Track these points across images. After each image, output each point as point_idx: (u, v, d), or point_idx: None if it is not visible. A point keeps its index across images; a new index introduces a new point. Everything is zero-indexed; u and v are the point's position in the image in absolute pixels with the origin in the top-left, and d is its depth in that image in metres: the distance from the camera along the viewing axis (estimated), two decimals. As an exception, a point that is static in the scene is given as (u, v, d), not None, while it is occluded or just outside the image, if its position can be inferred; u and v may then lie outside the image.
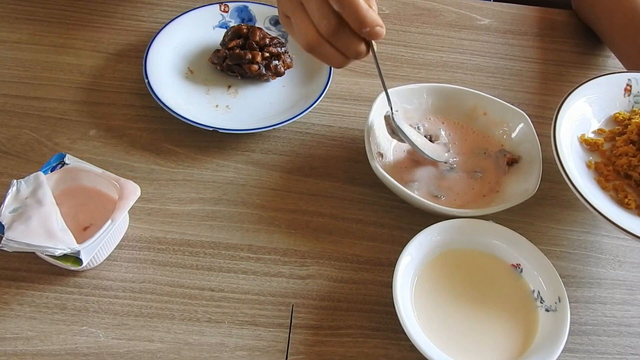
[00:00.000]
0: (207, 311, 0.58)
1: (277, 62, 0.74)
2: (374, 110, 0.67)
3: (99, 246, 0.56)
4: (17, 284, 0.58)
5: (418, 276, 0.60)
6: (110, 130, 0.70)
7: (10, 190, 0.57)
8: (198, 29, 0.79)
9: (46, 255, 0.55)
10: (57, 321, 0.56)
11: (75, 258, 0.55)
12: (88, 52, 0.77)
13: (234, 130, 0.68)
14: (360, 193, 0.69)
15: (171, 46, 0.77)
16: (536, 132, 0.69)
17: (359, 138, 0.73)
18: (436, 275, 0.60)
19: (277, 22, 0.80)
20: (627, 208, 0.62)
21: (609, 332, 0.62)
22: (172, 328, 0.57)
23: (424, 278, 0.60)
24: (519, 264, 0.61)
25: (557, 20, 0.92)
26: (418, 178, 0.68)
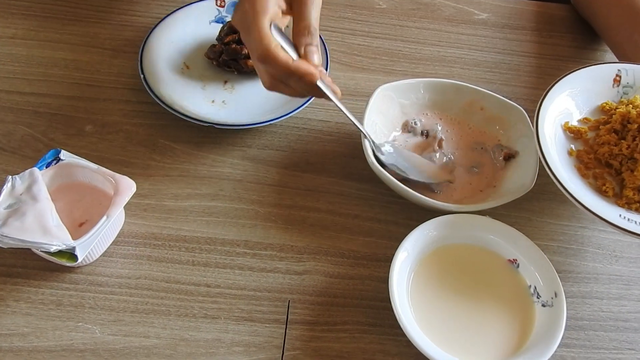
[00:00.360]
0: (203, 307, 0.58)
1: (274, 57, 0.74)
2: (371, 105, 0.67)
3: (95, 242, 0.56)
4: (13, 280, 0.58)
5: (414, 271, 0.60)
6: (106, 125, 0.70)
7: (5, 186, 0.56)
8: (194, 24, 0.79)
9: (41, 251, 0.55)
10: (53, 317, 0.56)
11: (70, 254, 0.54)
12: (84, 48, 0.77)
13: (231, 125, 0.68)
14: (356, 188, 0.68)
15: (167, 41, 0.76)
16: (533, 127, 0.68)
17: (356, 133, 0.72)
18: (433, 270, 0.60)
19: (274, 17, 0.80)
20: (605, 195, 0.62)
21: (606, 327, 0.62)
22: (168, 324, 0.57)
23: (421, 273, 0.60)
24: (516, 259, 0.61)
25: (555, 14, 0.92)
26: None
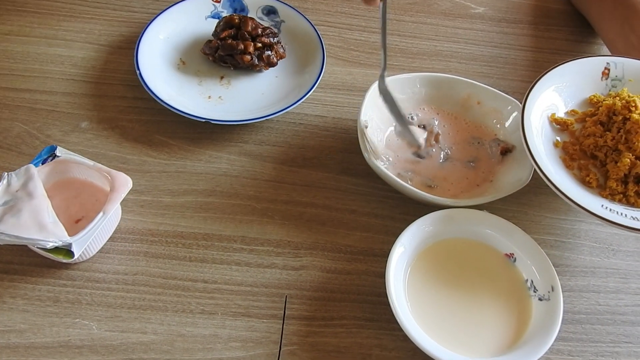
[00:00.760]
0: (201, 303, 0.58)
1: (270, 53, 0.74)
2: (367, 100, 0.67)
3: (91, 239, 0.55)
4: (10, 277, 0.58)
5: (411, 266, 0.60)
6: (102, 122, 0.70)
7: (0, 183, 0.56)
8: (190, 20, 0.79)
9: (38, 248, 0.55)
10: (50, 314, 0.56)
11: (67, 251, 0.54)
12: (79, 44, 0.77)
13: (227, 121, 0.68)
14: (353, 184, 0.68)
15: (163, 37, 0.76)
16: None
17: (353, 128, 0.72)
18: (429, 265, 0.60)
19: (270, 12, 0.80)
20: (589, 186, 0.62)
21: (603, 321, 0.62)
22: (166, 320, 0.57)
23: (417, 268, 0.60)
24: (513, 254, 0.61)
25: (552, 8, 0.92)
26: (411, 168, 0.68)
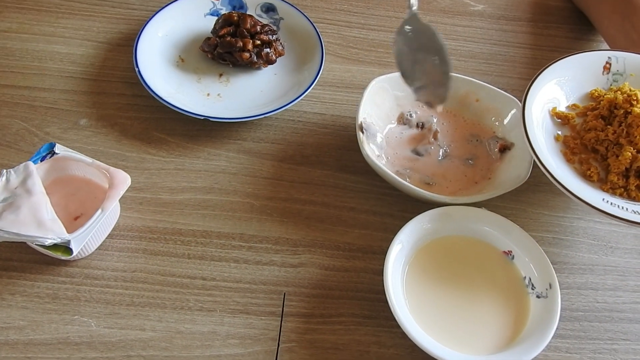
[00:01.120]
0: (199, 300, 0.58)
1: (269, 50, 0.74)
2: (366, 97, 0.67)
3: (90, 236, 0.55)
4: (9, 274, 0.58)
5: (409, 264, 0.60)
6: (101, 119, 0.70)
7: (-1, 180, 0.56)
8: (189, 17, 0.78)
9: (36, 245, 0.55)
10: (49, 310, 0.56)
11: (65, 248, 0.55)
12: (78, 41, 0.77)
13: (226, 118, 0.68)
14: (352, 181, 0.68)
15: (162, 34, 0.76)
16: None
17: (351, 126, 0.72)
18: (427, 262, 0.60)
19: (269, 10, 0.80)
20: (590, 180, 0.62)
21: (601, 318, 0.62)
22: (164, 317, 0.57)
23: (415, 265, 0.60)
24: (511, 251, 0.61)
25: (551, 5, 0.92)
26: (410, 165, 0.68)
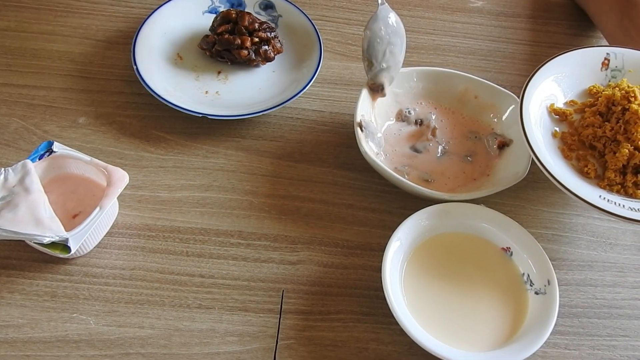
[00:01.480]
0: (198, 297, 0.58)
1: (267, 47, 0.74)
2: (364, 94, 0.67)
3: (88, 233, 0.56)
4: (7, 272, 0.58)
5: (407, 260, 0.60)
6: (99, 117, 0.70)
7: (-3, 178, 0.56)
8: (187, 15, 0.78)
9: (35, 243, 0.55)
10: (48, 308, 0.56)
11: (63, 246, 0.55)
12: (77, 39, 0.77)
13: (224, 116, 0.68)
14: (351, 178, 0.68)
15: (160, 32, 0.76)
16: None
17: (350, 123, 0.72)
18: (426, 259, 0.60)
19: (267, 7, 0.80)
20: (587, 177, 0.62)
21: (599, 314, 0.62)
22: (163, 314, 0.57)
23: (414, 262, 0.60)
24: (509, 247, 0.61)
25: (551, 1, 0.91)
26: (409, 162, 0.68)
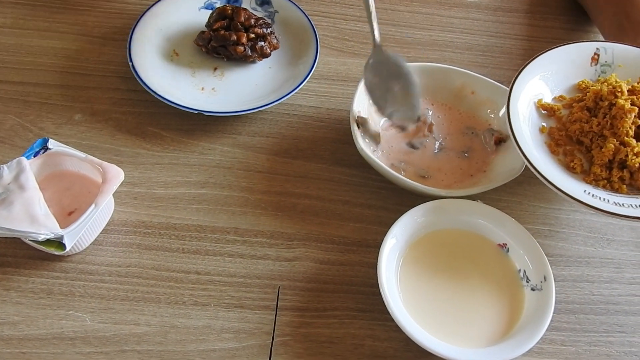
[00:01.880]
0: (194, 294, 0.58)
1: (263, 43, 0.74)
2: (361, 90, 0.67)
3: (83, 231, 0.55)
4: (3, 269, 0.58)
5: (403, 257, 0.60)
6: (95, 114, 0.70)
7: (-8, 176, 0.56)
8: (183, 11, 0.78)
9: (30, 240, 0.55)
10: (44, 306, 0.56)
11: (58, 243, 0.54)
12: (73, 36, 0.77)
13: (220, 112, 0.68)
14: (347, 174, 0.68)
15: (156, 28, 0.76)
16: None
17: (347, 119, 0.72)
18: (422, 255, 0.60)
19: (263, 3, 0.79)
20: (573, 172, 0.62)
21: (596, 311, 0.62)
22: (159, 311, 0.57)
23: (410, 259, 0.60)
24: (505, 244, 0.61)
25: (549, -4, 0.91)
26: (405, 159, 0.67)
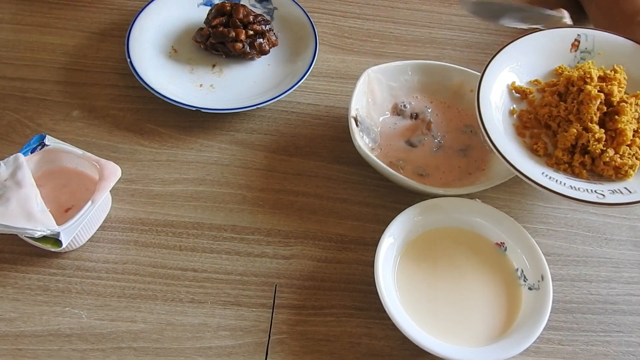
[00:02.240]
0: (190, 292, 0.58)
1: (262, 40, 0.73)
2: (359, 88, 0.67)
3: (80, 227, 0.55)
4: (0, 266, 0.58)
5: (401, 256, 0.59)
6: (93, 110, 0.70)
7: (-11, 172, 0.56)
8: (182, 7, 0.78)
9: (26, 237, 0.55)
10: (40, 302, 0.56)
11: (55, 240, 0.54)
12: (71, 32, 0.77)
13: (218, 109, 0.68)
14: (345, 172, 0.68)
15: (155, 24, 0.75)
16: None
17: (345, 117, 0.72)
18: (419, 254, 0.60)
19: (262, -1, 0.79)
20: (536, 154, 0.62)
21: (594, 310, 0.62)
22: (155, 309, 0.57)
23: (407, 257, 0.59)
24: (503, 242, 0.61)
25: (549, -6, 0.91)
26: (403, 157, 0.67)
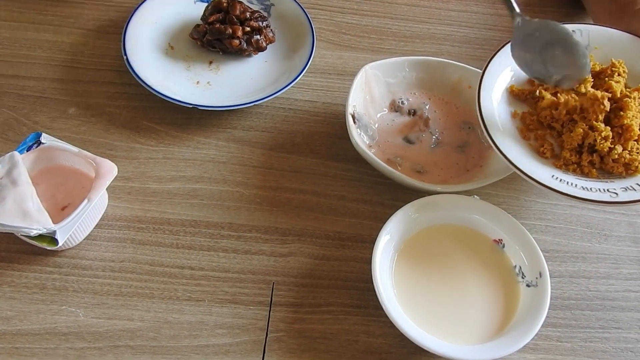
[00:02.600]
0: (187, 290, 0.58)
1: (259, 37, 0.73)
2: (356, 84, 0.66)
3: (76, 226, 0.55)
4: (-4, 265, 0.58)
5: (398, 253, 0.59)
6: (89, 108, 0.69)
7: (-16, 170, 0.56)
8: (179, 4, 0.77)
9: (22, 235, 0.55)
10: (37, 301, 0.56)
11: (51, 238, 0.54)
12: (67, 29, 0.76)
13: (215, 107, 0.67)
14: (343, 169, 0.68)
15: (151, 21, 0.75)
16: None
17: (343, 114, 0.71)
18: (417, 251, 0.60)
19: (260, -5, 0.79)
20: (543, 157, 0.61)
21: (592, 307, 0.61)
22: (152, 307, 0.57)
23: (405, 255, 0.59)
24: (501, 239, 0.60)
25: (548, -11, 0.90)
26: (401, 153, 0.67)
